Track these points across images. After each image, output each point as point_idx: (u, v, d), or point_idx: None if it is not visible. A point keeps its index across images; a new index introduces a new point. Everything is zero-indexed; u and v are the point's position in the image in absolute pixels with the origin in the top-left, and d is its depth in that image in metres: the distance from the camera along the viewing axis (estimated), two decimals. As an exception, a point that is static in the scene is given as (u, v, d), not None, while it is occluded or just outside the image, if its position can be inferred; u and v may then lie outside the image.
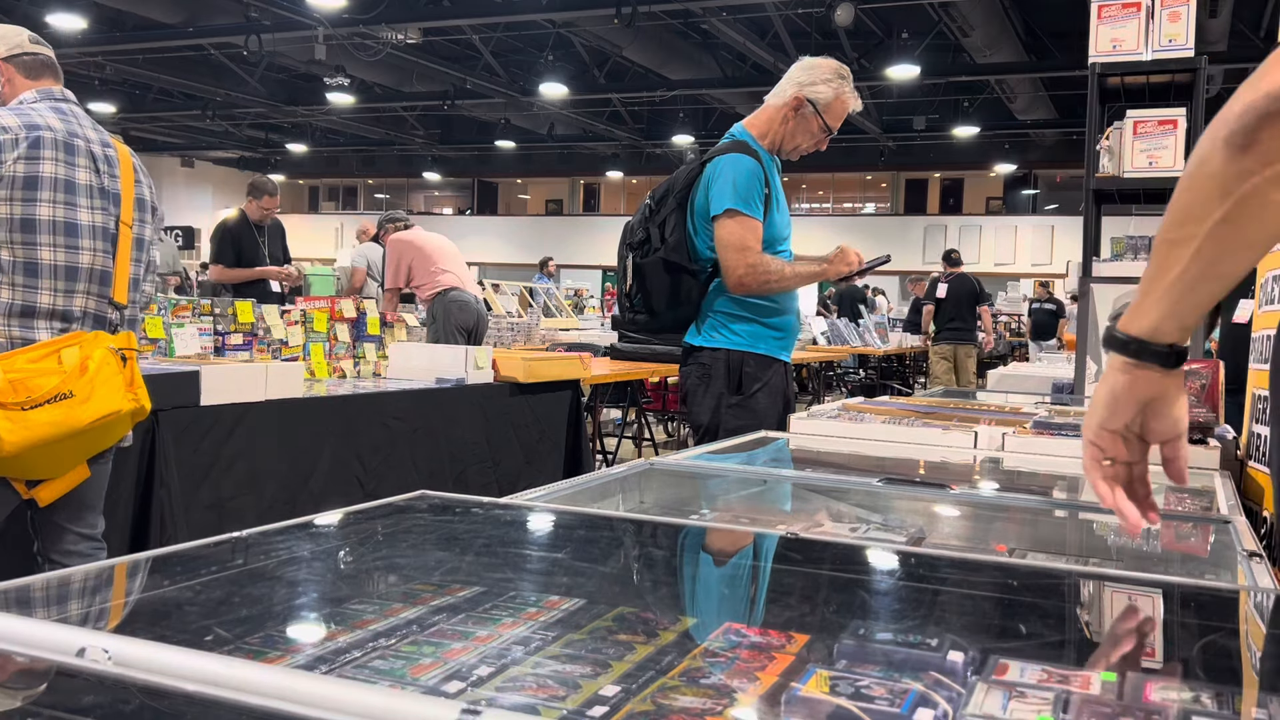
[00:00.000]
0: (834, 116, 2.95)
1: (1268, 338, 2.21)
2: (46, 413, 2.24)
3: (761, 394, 2.88)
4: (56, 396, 2.25)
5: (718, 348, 2.90)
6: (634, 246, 2.96)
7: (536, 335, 7.94)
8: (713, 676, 0.78)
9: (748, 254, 2.79)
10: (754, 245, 2.80)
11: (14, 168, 2.34)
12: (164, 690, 0.67)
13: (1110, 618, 1.09)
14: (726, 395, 2.88)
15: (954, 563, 1.25)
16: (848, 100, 2.96)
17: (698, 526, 1.49)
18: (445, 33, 15.48)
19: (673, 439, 8.27)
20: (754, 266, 2.80)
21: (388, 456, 3.69)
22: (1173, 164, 3.68)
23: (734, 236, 2.79)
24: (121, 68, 17.01)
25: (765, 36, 14.84)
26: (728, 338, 2.89)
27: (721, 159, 2.85)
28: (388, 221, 6.81)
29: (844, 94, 2.94)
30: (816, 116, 2.92)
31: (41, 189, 2.36)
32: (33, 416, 2.22)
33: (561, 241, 25.28)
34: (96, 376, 2.31)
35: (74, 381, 2.28)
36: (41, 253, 2.36)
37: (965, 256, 11.99)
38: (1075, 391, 3.80)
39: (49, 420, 2.24)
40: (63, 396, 2.26)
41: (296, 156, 26.66)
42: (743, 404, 2.87)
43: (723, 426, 2.84)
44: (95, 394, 2.30)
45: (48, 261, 2.37)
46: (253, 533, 1.13)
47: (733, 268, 2.81)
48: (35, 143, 2.37)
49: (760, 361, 2.90)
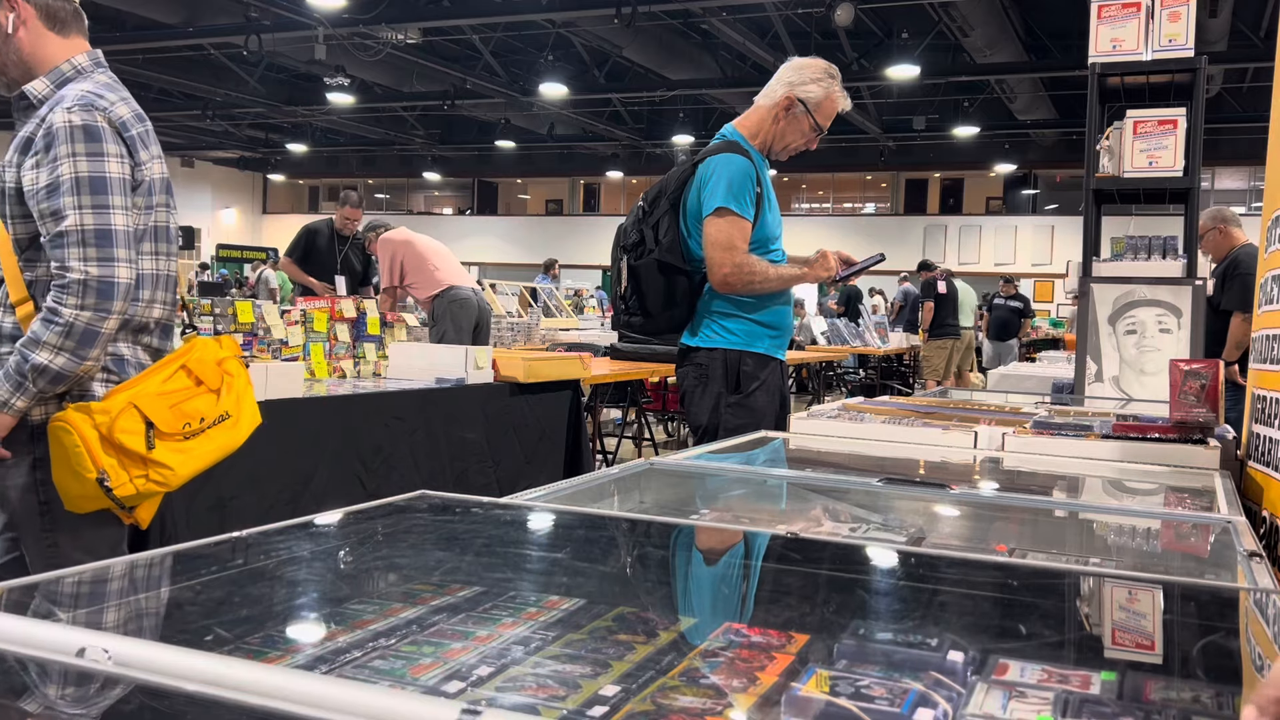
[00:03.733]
0: (824, 115, 2.96)
1: (1268, 338, 2.21)
2: (210, 439, 2.03)
3: (760, 392, 2.89)
4: (217, 420, 2.04)
5: (714, 348, 2.90)
6: (628, 249, 2.96)
7: (537, 335, 7.94)
8: (713, 676, 0.78)
9: (734, 253, 2.81)
10: (741, 245, 2.81)
11: (149, 171, 2.03)
12: (164, 690, 0.67)
13: (1110, 618, 1.09)
14: (725, 395, 2.88)
15: (954, 563, 1.25)
16: (837, 99, 2.97)
17: (698, 527, 1.49)
18: (445, 33, 15.47)
19: (673, 439, 8.27)
20: (740, 266, 2.81)
21: (388, 456, 3.69)
22: (1173, 164, 3.68)
23: (722, 235, 2.81)
24: (121, 68, 16.97)
25: (765, 36, 14.84)
26: (725, 337, 2.90)
27: (714, 159, 2.86)
28: (369, 230, 6.88)
29: (834, 93, 2.96)
30: (807, 116, 2.93)
31: (155, 193, 2.06)
32: (195, 445, 2.00)
33: (561, 241, 25.27)
34: (240, 391, 2.10)
35: (227, 401, 2.06)
36: (143, 261, 2.04)
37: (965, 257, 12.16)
38: (1075, 391, 3.80)
39: (215, 446, 2.04)
40: (222, 419, 2.05)
41: (296, 156, 26.65)
42: (741, 403, 2.87)
43: (722, 426, 2.84)
44: (243, 411, 2.10)
45: (149, 271, 2.06)
46: (253, 533, 1.13)
47: (718, 266, 2.82)
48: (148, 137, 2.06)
49: (758, 360, 2.91)
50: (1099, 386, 3.75)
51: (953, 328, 11.39)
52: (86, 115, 1.94)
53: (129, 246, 1.95)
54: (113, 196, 1.94)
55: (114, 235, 1.92)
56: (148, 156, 2.04)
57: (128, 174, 1.98)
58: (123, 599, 0.99)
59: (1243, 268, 4.91)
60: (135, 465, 1.93)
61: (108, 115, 1.97)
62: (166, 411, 1.97)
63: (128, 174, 1.98)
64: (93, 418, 1.90)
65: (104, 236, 1.91)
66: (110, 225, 1.92)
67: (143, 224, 2.03)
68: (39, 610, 0.90)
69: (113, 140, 1.96)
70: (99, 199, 1.92)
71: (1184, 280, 3.69)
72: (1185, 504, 1.75)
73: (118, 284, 1.92)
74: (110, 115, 1.97)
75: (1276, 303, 2.18)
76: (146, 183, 2.03)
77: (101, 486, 1.89)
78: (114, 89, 2.05)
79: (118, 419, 1.91)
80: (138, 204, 2.01)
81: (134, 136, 2.01)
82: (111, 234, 1.92)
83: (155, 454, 1.94)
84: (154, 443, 1.95)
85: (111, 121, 1.97)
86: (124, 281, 1.94)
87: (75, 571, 1.00)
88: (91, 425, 1.89)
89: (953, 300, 11.38)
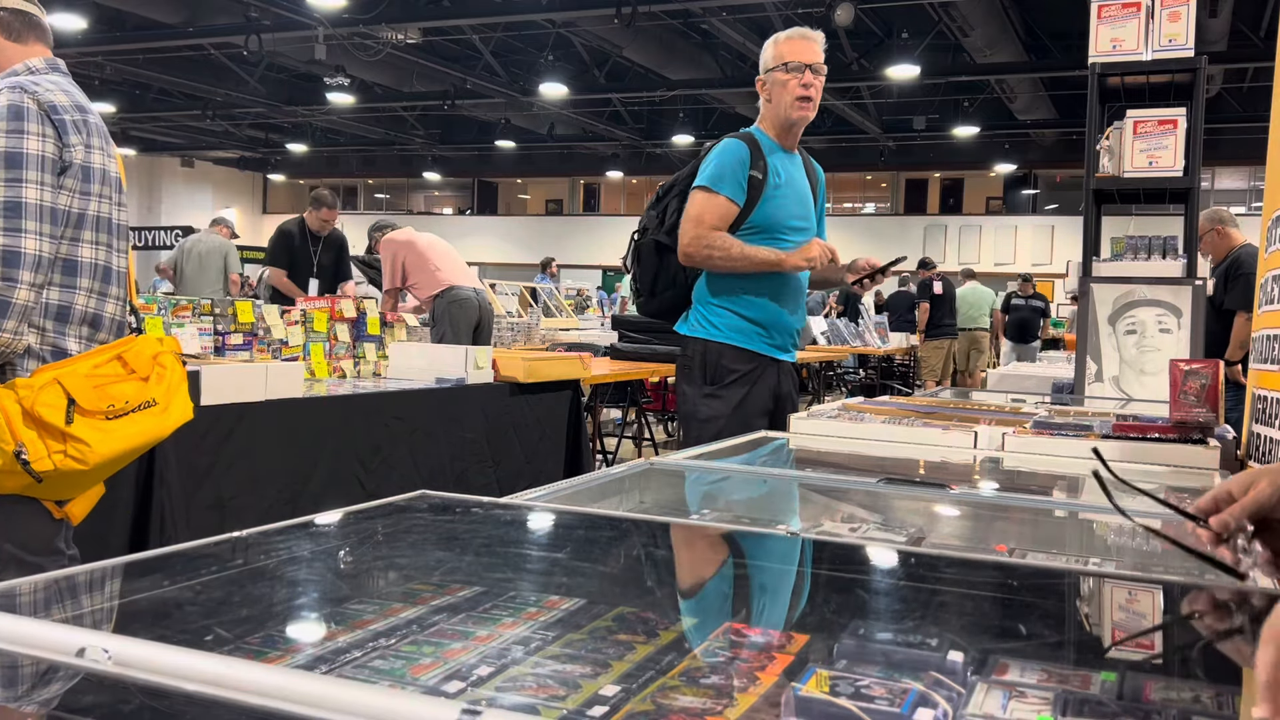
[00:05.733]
0: (780, 56, 3.01)
1: (1268, 338, 2.21)
2: (134, 422, 2.04)
3: (736, 385, 2.91)
4: (142, 405, 2.06)
5: (697, 338, 2.99)
6: (639, 231, 3.13)
7: (537, 335, 7.94)
8: (713, 676, 0.78)
9: (699, 225, 2.89)
10: (709, 220, 2.89)
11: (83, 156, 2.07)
12: (164, 690, 0.67)
13: (1110, 618, 1.09)
14: (701, 385, 2.94)
15: (954, 563, 1.25)
16: (781, 38, 3.05)
17: (697, 526, 1.49)
18: (445, 33, 15.47)
19: (673, 439, 8.27)
20: (699, 238, 2.89)
21: (388, 456, 3.69)
22: (1173, 164, 3.68)
23: (694, 209, 2.91)
24: (121, 68, 17.00)
25: (765, 36, 14.81)
26: (706, 329, 2.97)
27: (715, 146, 2.99)
28: (375, 230, 6.76)
29: (779, 39, 3.05)
30: (774, 72, 3.01)
31: (92, 180, 2.10)
32: (117, 427, 2.02)
33: (561, 241, 25.27)
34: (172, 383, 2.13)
35: (155, 388, 2.09)
36: (83, 249, 2.09)
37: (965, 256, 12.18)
38: (1075, 391, 3.80)
39: (139, 429, 2.05)
40: (148, 405, 2.07)
41: (296, 156, 26.64)
42: (715, 394, 2.92)
43: (694, 416, 2.91)
44: (173, 402, 2.13)
45: (88, 259, 2.11)
46: (253, 532, 1.13)
47: (681, 235, 2.92)
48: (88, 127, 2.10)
49: (739, 354, 2.93)
50: (1099, 386, 3.75)
51: (950, 328, 11.41)
52: (14, 96, 2.01)
53: (40, 220, 1.99)
54: (28, 171, 1.98)
55: (24, 207, 1.97)
56: (80, 141, 2.08)
57: (50, 153, 2.02)
58: (123, 599, 0.99)
59: (1245, 267, 4.91)
60: (54, 439, 1.95)
61: (37, 98, 2.02)
62: (90, 391, 2.00)
63: (50, 153, 2.02)
64: (16, 393, 1.94)
65: (13, 209, 1.96)
66: (21, 198, 1.97)
67: (76, 208, 2.07)
68: (39, 610, 0.90)
69: (37, 120, 2.01)
70: (13, 173, 1.97)
71: (1184, 280, 3.69)
72: (1185, 504, 1.75)
73: (24, 254, 1.96)
74: (40, 98, 2.03)
75: (1276, 303, 2.18)
76: (80, 167, 2.07)
77: (19, 459, 1.92)
78: (60, 83, 2.11)
79: (40, 393, 1.94)
80: (67, 185, 2.05)
81: (66, 121, 2.06)
82: (21, 206, 1.96)
83: (74, 429, 1.96)
84: (73, 418, 1.96)
85: (40, 103, 2.02)
86: (30, 253, 1.97)
87: (75, 571, 1.00)
88: (15, 400, 1.93)
89: (949, 300, 11.39)
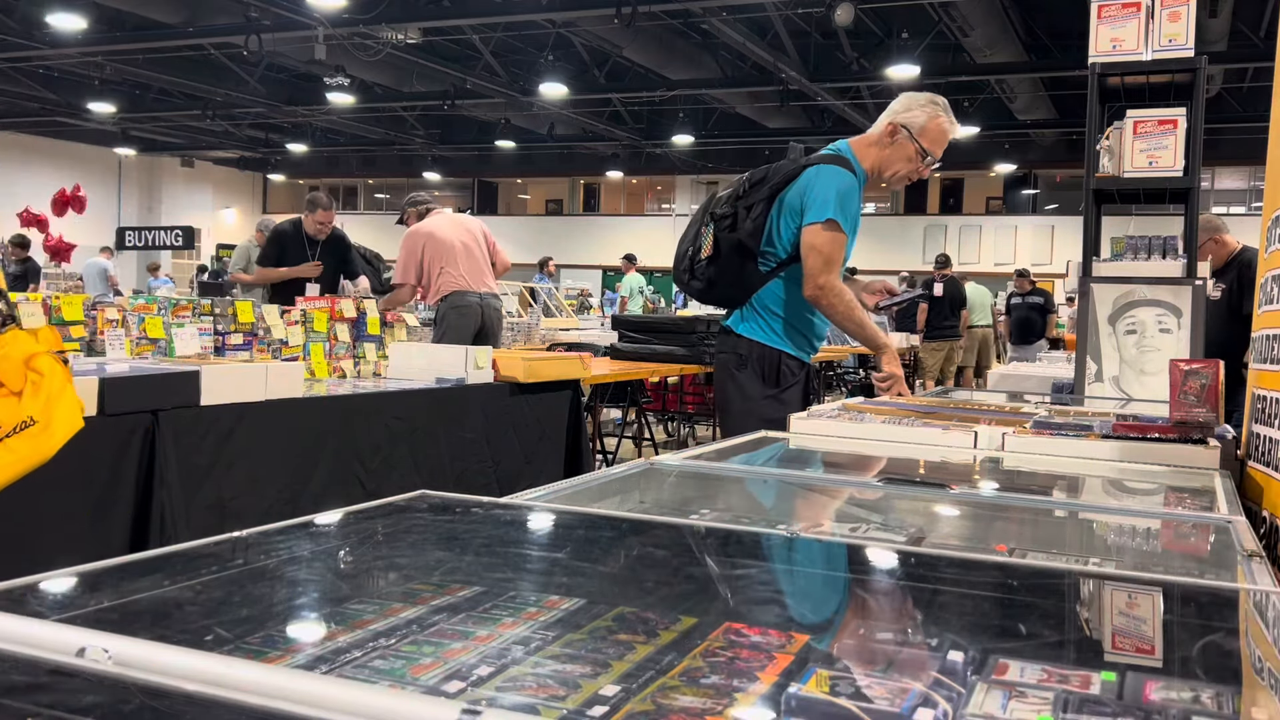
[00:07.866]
0: (931, 140, 3.01)
1: (1268, 338, 2.21)
2: (10, 450, 1.71)
3: (794, 390, 3.04)
4: (18, 427, 1.72)
5: (756, 340, 3.03)
6: (717, 219, 3.06)
7: (536, 335, 7.94)
8: (713, 676, 0.78)
9: (830, 271, 2.92)
10: (838, 263, 2.94)
11: None
12: (164, 690, 0.67)
13: (1110, 618, 1.09)
14: (763, 387, 3.01)
15: (954, 563, 1.25)
16: (944, 123, 3.02)
17: (698, 526, 1.49)
18: (445, 33, 15.47)
19: (673, 439, 8.27)
20: (829, 288, 2.92)
21: (388, 456, 3.69)
22: (1173, 164, 3.68)
23: (827, 247, 2.91)
24: (121, 68, 17.00)
25: (765, 36, 14.83)
26: (767, 334, 3.03)
27: (826, 168, 2.95)
28: (409, 205, 6.22)
29: (939, 117, 3.01)
30: (911, 141, 2.99)
31: None
32: None
33: (561, 241, 25.28)
34: (51, 392, 1.78)
35: (32, 404, 1.74)
36: None
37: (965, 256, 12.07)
38: (1075, 391, 3.80)
39: (16, 458, 1.72)
40: (24, 425, 1.73)
41: (296, 156, 26.64)
42: (779, 397, 3.00)
43: (759, 415, 2.94)
44: (55, 415, 1.77)
45: None
46: (253, 532, 1.13)
47: (814, 275, 2.91)
48: None
49: (793, 361, 3.05)
50: (1099, 386, 3.75)
51: (949, 329, 11.35)
52: None
53: None
54: None
55: None
56: None
57: None
58: (123, 599, 0.99)
59: (1255, 269, 4.90)
60: None
61: None
62: None
63: None
64: None
65: None
66: None
67: None
68: (38, 610, 0.90)
69: None
70: None
71: (1184, 280, 3.69)
72: (1185, 504, 1.75)
73: None
74: None
75: (1276, 303, 2.18)
76: None
77: None
78: None
79: None
80: None
81: None
82: None
83: None
84: None
85: None
86: None
87: (75, 571, 1.00)
88: None
89: (948, 301, 11.34)
